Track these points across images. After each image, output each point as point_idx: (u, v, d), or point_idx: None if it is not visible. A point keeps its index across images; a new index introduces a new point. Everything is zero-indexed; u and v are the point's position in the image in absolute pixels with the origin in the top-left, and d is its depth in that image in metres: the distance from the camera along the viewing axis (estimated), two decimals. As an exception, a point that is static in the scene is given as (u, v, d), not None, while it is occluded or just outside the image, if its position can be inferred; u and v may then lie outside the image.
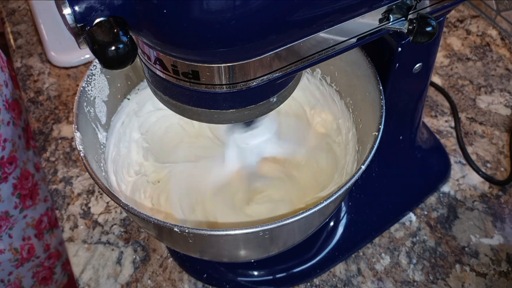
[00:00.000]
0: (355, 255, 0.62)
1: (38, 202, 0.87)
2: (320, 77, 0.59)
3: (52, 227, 0.92)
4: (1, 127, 0.75)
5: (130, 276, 0.61)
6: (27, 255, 0.87)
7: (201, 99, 0.35)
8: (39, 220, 0.88)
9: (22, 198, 0.83)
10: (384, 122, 0.44)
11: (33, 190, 0.86)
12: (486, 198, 0.66)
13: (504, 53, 0.83)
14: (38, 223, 0.88)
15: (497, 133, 0.73)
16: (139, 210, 0.39)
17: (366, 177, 0.61)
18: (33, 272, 0.90)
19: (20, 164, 0.81)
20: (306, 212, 0.39)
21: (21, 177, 0.82)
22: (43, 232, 0.89)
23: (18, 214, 0.83)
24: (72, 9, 0.28)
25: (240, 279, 0.60)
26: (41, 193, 0.88)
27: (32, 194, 0.85)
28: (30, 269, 0.89)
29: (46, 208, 0.90)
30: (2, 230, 0.81)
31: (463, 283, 0.59)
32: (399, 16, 0.37)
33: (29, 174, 0.84)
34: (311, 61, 0.36)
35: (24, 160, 0.83)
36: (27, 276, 0.90)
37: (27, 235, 0.86)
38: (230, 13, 0.28)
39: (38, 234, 0.88)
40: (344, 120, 0.56)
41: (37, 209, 0.87)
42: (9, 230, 0.83)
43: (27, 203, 0.84)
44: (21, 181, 0.82)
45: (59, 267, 0.96)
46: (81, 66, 0.86)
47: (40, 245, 0.89)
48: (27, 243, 0.86)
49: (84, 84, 0.49)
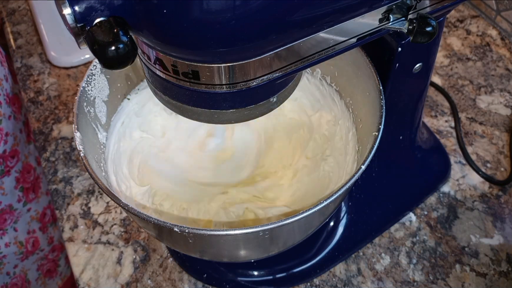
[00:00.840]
0: (355, 255, 0.62)
1: (40, 195, 0.88)
2: (320, 77, 0.59)
3: (55, 220, 0.92)
4: (2, 121, 0.75)
5: (130, 276, 0.61)
6: (32, 248, 0.87)
7: (201, 99, 0.36)
8: (43, 213, 0.88)
9: (25, 192, 0.83)
10: (384, 122, 0.44)
11: (35, 183, 0.86)
12: (486, 198, 0.66)
13: (504, 53, 0.83)
14: (42, 216, 0.88)
15: (497, 133, 0.73)
16: (139, 210, 0.39)
17: (366, 177, 0.61)
18: (38, 264, 0.91)
19: (22, 157, 0.82)
20: (306, 212, 0.39)
21: (23, 171, 0.82)
22: (47, 225, 0.90)
23: (22, 207, 0.83)
24: (72, 9, 0.28)
25: (240, 279, 0.60)
26: (43, 187, 0.89)
27: (34, 188, 0.86)
28: (35, 262, 0.90)
29: (48, 201, 0.90)
30: (7, 223, 0.82)
31: (463, 283, 0.59)
32: (399, 16, 0.37)
33: (31, 168, 0.85)
34: (311, 61, 0.36)
35: (26, 153, 0.84)
36: (32, 268, 0.90)
37: (32, 229, 0.87)
38: (230, 13, 0.28)
39: (42, 227, 0.89)
40: (344, 120, 0.56)
41: (40, 202, 0.88)
42: (14, 224, 0.83)
43: (30, 196, 0.84)
44: (23, 175, 0.82)
45: (63, 259, 0.96)
46: (81, 66, 0.86)
47: (44, 238, 0.90)
48: (32, 236, 0.87)
49: (84, 84, 0.49)
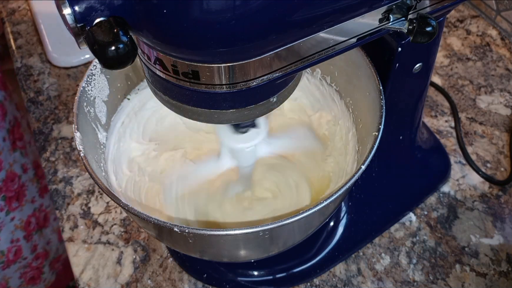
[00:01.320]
0: (355, 255, 0.62)
1: (25, 203, 0.86)
2: (320, 77, 0.59)
3: (40, 227, 0.90)
4: None
5: (130, 276, 0.61)
6: (14, 257, 0.85)
7: (201, 99, 0.35)
8: (27, 222, 0.87)
9: (8, 201, 0.82)
10: (384, 122, 0.44)
11: (20, 191, 0.84)
12: (486, 198, 0.66)
13: (504, 53, 0.83)
14: (27, 224, 0.87)
15: (497, 133, 0.73)
16: (139, 210, 0.39)
17: (366, 177, 0.61)
18: (21, 272, 0.89)
19: (5, 166, 0.80)
20: (306, 212, 0.39)
21: (6, 179, 0.80)
22: (32, 233, 0.88)
23: (4, 217, 0.82)
24: (72, 9, 0.28)
25: (240, 279, 0.60)
26: (28, 194, 0.87)
27: (18, 196, 0.84)
28: (17, 270, 0.88)
29: (34, 208, 0.89)
30: None
31: (463, 283, 0.59)
32: (399, 16, 0.37)
33: (15, 176, 0.83)
34: (311, 61, 0.36)
35: (10, 162, 0.82)
36: (14, 276, 0.89)
37: (15, 237, 0.85)
38: (230, 13, 0.28)
39: (27, 236, 0.87)
40: (344, 120, 0.56)
41: (24, 211, 0.86)
42: None
43: (13, 205, 0.83)
44: (7, 183, 0.81)
45: (47, 266, 0.94)
46: (81, 66, 0.86)
47: (28, 246, 0.88)
48: (15, 245, 0.85)
49: (84, 84, 0.49)
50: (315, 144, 0.59)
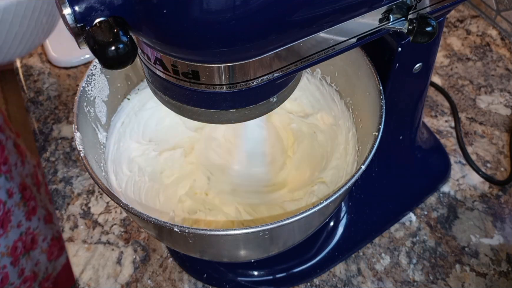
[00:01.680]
0: (355, 255, 0.62)
1: (10, 229, 0.83)
2: (320, 77, 0.59)
3: (28, 251, 0.88)
4: None
5: (130, 276, 0.61)
6: (0, 284, 0.83)
7: (201, 99, 0.35)
8: (14, 247, 0.84)
9: None
10: (384, 122, 0.44)
11: (5, 218, 0.82)
12: (486, 198, 0.66)
13: (504, 53, 0.83)
14: (13, 250, 0.84)
15: (497, 133, 0.73)
16: (139, 210, 0.39)
17: (366, 177, 0.61)
18: None
19: None
20: (306, 212, 0.39)
21: None
22: (18, 258, 0.86)
23: None
24: (72, 9, 0.28)
25: (240, 279, 0.60)
26: (13, 219, 0.84)
27: (3, 223, 0.81)
28: None
29: (20, 233, 0.86)
30: None
31: (463, 283, 0.59)
32: (399, 16, 0.37)
33: (0, 202, 0.80)
34: (311, 61, 0.36)
35: None
36: None
37: (2, 265, 0.82)
38: (230, 13, 0.28)
39: (13, 261, 0.84)
40: (344, 120, 0.56)
41: (10, 237, 0.83)
42: None
43: None
44: None
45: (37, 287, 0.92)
46: (81, 66, 0.86)
47: (15, 271, 0.85)
48: (1, 272, 0.82)
49: (84, 84, 0.49)
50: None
